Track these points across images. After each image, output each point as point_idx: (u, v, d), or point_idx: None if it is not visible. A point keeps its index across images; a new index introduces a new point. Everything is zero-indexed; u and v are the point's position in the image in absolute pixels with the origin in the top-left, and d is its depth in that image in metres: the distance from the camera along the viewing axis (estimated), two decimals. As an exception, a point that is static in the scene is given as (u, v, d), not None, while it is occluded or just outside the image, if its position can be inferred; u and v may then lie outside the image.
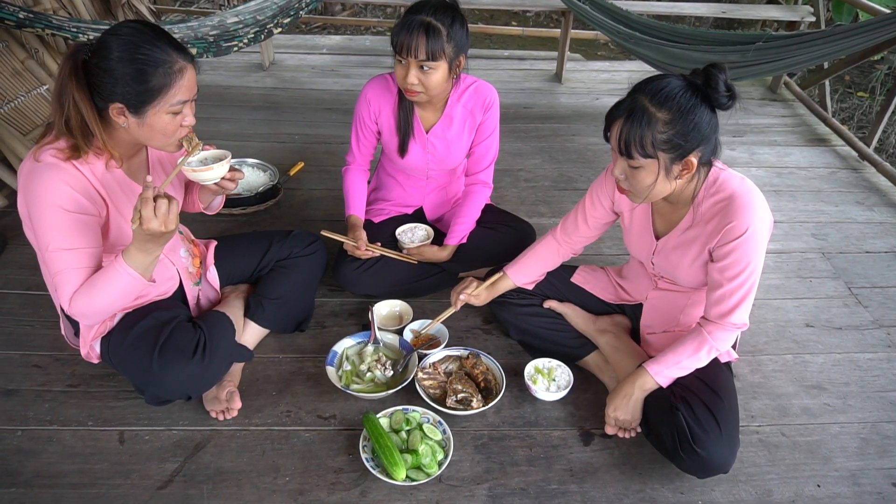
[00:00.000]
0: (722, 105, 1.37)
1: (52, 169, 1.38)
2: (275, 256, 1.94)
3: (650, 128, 1.33)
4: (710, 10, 4.02)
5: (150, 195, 1.29)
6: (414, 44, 1.72)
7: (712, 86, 1.35)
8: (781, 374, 1.95)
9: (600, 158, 3.20)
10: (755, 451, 1.70)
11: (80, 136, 1.39)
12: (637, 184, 1.42)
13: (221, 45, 2.94)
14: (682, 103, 1.33)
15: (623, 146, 1.37)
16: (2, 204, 2.54)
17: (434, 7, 1.75)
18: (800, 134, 3.50)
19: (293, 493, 1.54)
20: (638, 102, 1.35)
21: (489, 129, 2.05)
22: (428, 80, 1.80)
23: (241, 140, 3.22)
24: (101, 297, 1.42)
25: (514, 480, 1.60)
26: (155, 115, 1.37)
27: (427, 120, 2.02)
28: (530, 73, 4.22)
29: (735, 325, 1.51)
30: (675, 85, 1.35)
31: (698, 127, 1.35)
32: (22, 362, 1.86)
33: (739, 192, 1.44)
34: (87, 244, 1.44)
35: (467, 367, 1.85)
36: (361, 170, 2.16)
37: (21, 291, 2.13)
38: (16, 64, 2.76)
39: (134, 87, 1.33)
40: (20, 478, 1.54)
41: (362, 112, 2.04)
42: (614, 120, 1.39)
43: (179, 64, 1.36)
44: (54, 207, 1.38)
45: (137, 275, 1.40)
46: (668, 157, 1.37)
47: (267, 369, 1.88)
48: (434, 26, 1.72)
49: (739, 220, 1.42)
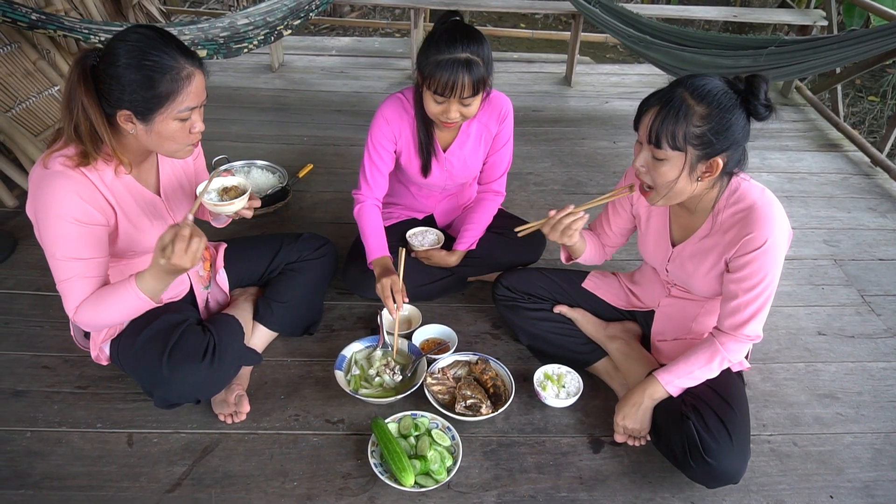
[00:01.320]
0: (759, 115, 1.35)
1: (62, 177, 1.37)
2: (284, 259, 1.94)
3: (686, 119, 1.32)
4: (721, 13, 4.00)
5: (188, 233, 1.31)
6: (459, 84, 1.66)
7: (754, 93, 1.33)
8: (793, 382, 1.93)
9: (610, 163, 3.19)
10: (766, 461, 1.68)
11: (89, 142, 1.38)
12: (659, 177, 1.40)
13: (232, 47, 2.95)
14: (722, 101, 1.32)
15: (654, 135, 1.35)
16: (12, 204, 2.55)
17: (464, 38, 1.66)
18: (811, 139, 3.48)
19: (301, 498, 1.53)
20: (677, 93, 1.34)
21: (504, 140, 2.02)
22: (467, 111, 1.75)
23: (250, 141, 3.23)
24: (107, 312, 1.45)
25: (524, 487, 1.59)
26: (163, 121, 1.36)
27: (443, 139, 1.98)
28: (539, 75, 4.21)
29: (749, 337, 1.50)
30: (716, 84, 1.34)
31: (732, 129, 1.34)
32: (31, 363, 1.87)
33: (760, 203, 1.43)
34: (94, 254, 1.44)
35: (476, 372, 1.84)
36: (376, 206, 2.00)
37: (31, 292, 2.13)
38: (27, 65, 2.77)
39: (141, 93, 1.32)
40: (29, 479, 1.54)
41: (381, 133, 1.92)
42: (649, 107, 1.37)
43: (187, 70, 1.35)
44: (62, 217, 1.38)
45: (147, 298, 1.43)
46: (695, 154, 1.35)
47: (275, 373, 1.88)
48: (474, 62, 1.66)
49: (759, 232, 1.40)
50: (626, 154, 3.28)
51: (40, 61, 2.80)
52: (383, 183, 2.00)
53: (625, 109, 3.79)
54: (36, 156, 2.53)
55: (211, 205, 1.48)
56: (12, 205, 2.55)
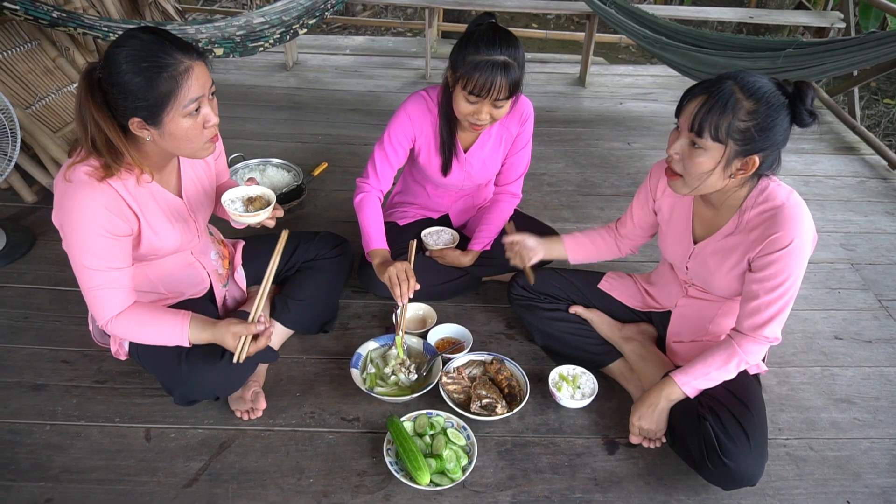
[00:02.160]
0: (803, 121, 1.35)
1: (86, 189, 1.36)
2: (301, 258, 1.95)
3: (732, 112, 1.32)
4: (737, 14, 3.98)
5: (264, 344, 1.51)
6: (496, 85, 1.66)
7: (801, 98, 1.33)
8: (809, 386, 1.92)
9: (624, 164, 3.18)
10: (783, 465, 1.68)
11: (108, 155, 1.37)
12: (693, 167, 1.39)
13: (248, 45, 2.96)
14: (771, 100, 1.32)
15: (697, 123, 1.34)
16: (31, 200, 2.58)
17: (503, 40, 1.67)
18: (828, 142, 3.45)
19: (317, 495, 1.54)
20: (726, 85, 1.33)
21: (523, 142, 2.03)
22: (498, 114, 1.76)
23: (265, 140, 3.24)
24: (144, 334, 1.52)
25: (538, 488, 1.59)
26: (172, 121, 1.34)
27: (465, 140, 1.98)
28: (553, 76, 4.20)
29: (767, 339, 1.49)
30: (766, 82, 1.34)
31: (775, 129, 1.33)
32: (51, 357, 1.89)
33: (787, 204, 1.42)
34: (122, 264, 1.46)
35: (491, 372, 1.84)
36: (377, 197, 1.99)
37: (50, 287, 2.15)
38: (47, 62, 2.80)
39: (144, 97, 1.30)
40: (49, 472, 1.56)
41: (402, 128, 1.92)
42: (694, 96, 1.37)
43: (184, 64, 1.31)
44: (90, 230, 1.38)
45: (190, 343, 1.52)
46: (735, 149, 1.35)
47: (291, 370, 1.89)
48: (511, 64, 1.66)
49: (784, 232, 1.40)
50: (640, 155, 3.27)
51: (59, 58, 2.82)
52: (390, 177, 2.00)
53: (639, 111, 3.78)
54: (55, 152, 2.56)
55: (236, 215, 1.51)
56: (31, 200, 2.57)
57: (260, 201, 1.56)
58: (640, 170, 3.12)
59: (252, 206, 1.55)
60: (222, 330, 1.48)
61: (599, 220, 2.71)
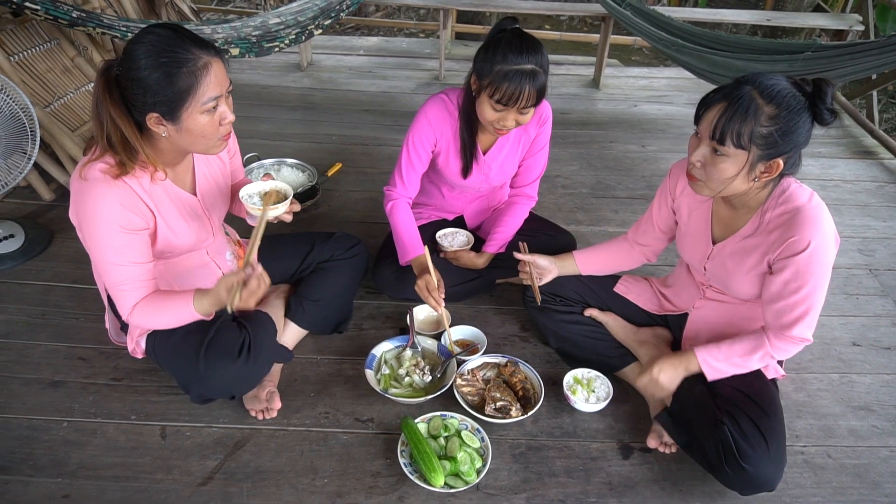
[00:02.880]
0: (824, 120, 1.33)
1: (102, 186, 1.38)
2: (316, 258, 1.95)
3: (754, 118, 1.30)
4: (754, 17, 3.95)
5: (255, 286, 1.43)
6: (525, 95, 1.66)
7: (821, 97, 1.32)
8: (827, 393, 1.90)
9: (638, 166, 3.17)
10: (800, 472, 1.66)
11: (123, 152, 1.38)
12: (716, 173, 1.38)
13: (263, 46, 2.97)
14: (791, 103, 1.31)
15: (718, 131, 1.33)
16: (49, 198, 2.60)
17: (530, 48, 1.66)
18: (845, 146, 3.42)
19: (331, 496, 1.54)
20: (745, 91, 1.32)
21: (541, 145, 2.02)
22: (523, 119, 1.76)
23: (279, 139, 3.25)
24: (161, 319, 1.54)
25: (553, 491, 1.58)
26: (189, 117, 1.35)
27: (484, 142, 1.97)
28: (567, 78, 4.19)
29: (796, 339, 1.49)
30: (785, 85, 1.33)
31: (798, 132, 1.32)
32: (68, 354, 1.90)
33: (807, 206, 1.41)
34: (141, 259, 1.47)
35: (505, 374, 1.83)
36: (408, 204, 2.01)
37: (68, 284, 2.17)
38: (66, 61, 2.82)
39: (163, 92, 1.31)
40: (66, 468, 1.57)
41: (423, 133, 1.92)
42: (714, 103, 1.35)
43: (203, 60, 1.32)
44: (107, 227, 1.40)
45: (201, 316, 1.53)
46: (758, 154, 1.34)
47: (305, 370, 1.89)
48: (538, 73, 1.66)
49: (802, 235, 1.39)
50: (654, 158, 3.26)
51: (78, 58, 2.85)
52: (416, 182, 2.00)
53: (653, 113, 3.76)
54: (73, 150, 2.58)
55: (254, 210, 1.50)
56: (49, 198, 2.60)
57: (277, 196, 1.55)
58: (655, 172, 3.10)
59: (269, 201, 1.54)
60: (217, 288, 1.46)
61: (613, 222, 2.70)
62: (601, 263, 1.89)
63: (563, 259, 1.88)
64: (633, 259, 1.88)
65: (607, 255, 1.89)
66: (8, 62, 2.44)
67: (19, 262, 2.25)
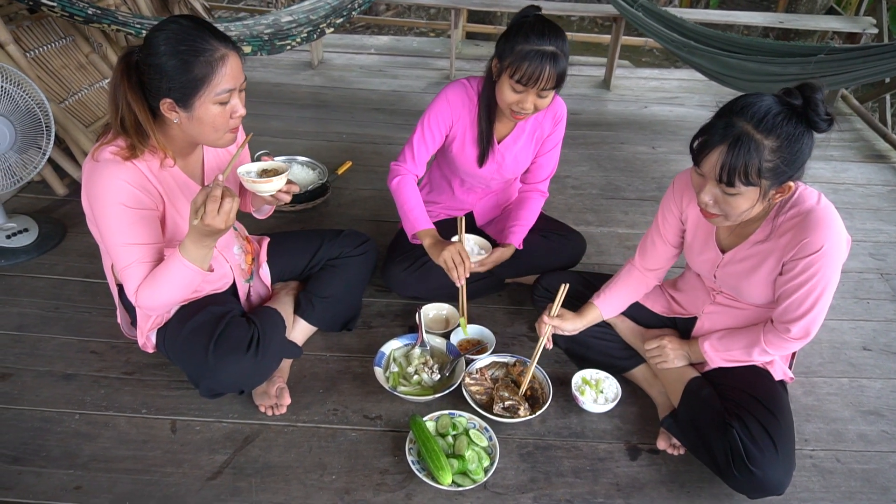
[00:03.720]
0: (821, 129, 1.31)
1: (111, 166, 1.41)
2: (326, 255, 1.96)
3: (757, 156, 1.28)
4: (767, 19, 3.93)
5: (219, 193, 1.32)
6: (545, 75, 1.67)
7: (813, 108, 1.29)
8: (836, 397, 1.89)
9: (648, 168, 3.16)
10: (808, 476, 1.65)
11: (134, 135, 1.42)
12: (731, 210, 1.38)
13: (275, 44, 2.99)
14: (790, 131, 1.29)
15: (725, 175, 1.31)
16: (63, 193, 2.62)
17: (551, 32, 1.68)
18: (857, 149, 3.40)
19: (339, 492, 1.55)
20: (740, 129, 1.29)
21: (554, 142, 2.03)
22: (542, 103, 1.77)
23: (290, 137, 3.27)
24: (163, 289, 1.47)
25: (560, 491, 1.58)
26: (202, 106, 1.38)
27: (499, 131, 1.98)
28: (578, 78, 4.19)
29: (791, 336, 1.50)
30: (777, 110, 1.30)
31: (802, 153, 1.31)
32: (80, 348, 1.92)
33: (817, 208, 1.41)
34: (149, 239, 1.48)
35: (514, 374, 1.84)
36: (414, 178, 2.00)
37: (80, 279, 2.19)
38: (80, 58, 2.85)
39: (179, 79, 1.35)
40: (77, 460, 1.59)
41: (440, 113, 1.93)
42: (711, 147, 1.33)
43: (220, 52, 1.36)
44: (115, 204, 1.42)
45: (196, 267, 1.44)
46: (769, 184, 1.33)
47: (314, 367, 1.90)
48: (559, 55, 1.67)
49: (815, 237, 1.38)
50: (665, 160, 3.25)
51: (92, 54, 2.88)
52: (425, 161, 2.00)
53: (664, 115, 3.75)
54: (87, 146, 2.60)
55: (249, 181, 1.47)
56: (62, 193, 2.62)
57: (275, 174, 1.53)
58: (666, 174, 3.10)
59: (267, 177, 1.52)
60: (190, 217, 1.36)
61: (623, 223, 2.70)
62: (623, 302, 1.84)
63: (588, 313, 1.82)
64: (647, 285, 1.85)
65: (628, 292, 1.83)
66: (24, 58, 2.47)
67: (33, 255, 2.27)
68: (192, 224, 1.35)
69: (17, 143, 2.11)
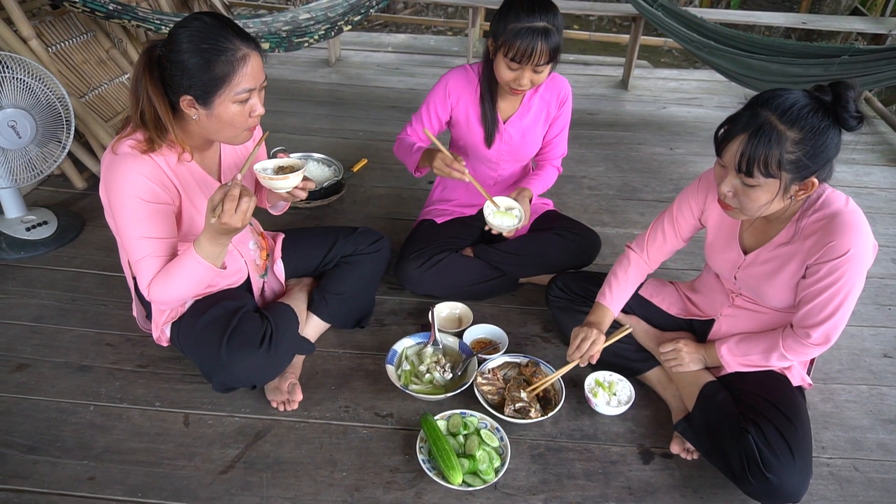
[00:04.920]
0: (850, 127, 1.29)
1: (129, 159, 1.42)
2: (340, 252, 1.96)
3: (779, 147, 1.27)
4: (789, 20, 3.87)
5: (237, 193, 1.32)
6: (537, 51, 1.71)
7: (843, 105, 1.27)
8: (855, 405, 1.86)
9: (666, 169, 3.13)
10: (825, 485, 1.62)
11: (153, 129, 1.43)
12: (749, 202, 1.36)
13: (293, 41, 3.00)
14: (815, 124, 1.27)
15: (745, 164, 1.30)
16: (81, 186, 2.65)
17: (542, 7, 1.72)
18: (881, 153, 3.34)
19: (349, 489, 1.55)
20: (764, 119, 1.28)
21: (562, 124, 2.06)
22: (538, 78, 1.81)
23: (306, 134, 3.28)
24: (176, 284, 1.48)
25: (571, 494, 1.57)
26: (222, 104, 1.39)
27: (504, 111, 2.01)
28: (595, 78, 4.16)
29: (811, 341, 1.47)
30: (804, 103, 1.28)
31: (826, 149, 1.29)
32: (96, 340, 1.94)
33: (844, 211, 1.38)
34: (164, 234, 1.49)
35: (526, 374, 1.83)
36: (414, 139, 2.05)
37: (97, 272, 2.22)
38: (101, 53, 2.88)
39: (200, 76, 1.35)
40: (91, 451, 1.60)
41: (438, 99, 2.00)
42: (734, 136, 1.32)
43: (242, 51, 1.37)
44: (132, 198, 1.43)
45: (209, 264, 1.45)
46: (790, 178, 1.31)
47: (326, 363, 1.91)
48: (549, 30, 1.71)
49: (840, 240, 1.36)
50: (682, 161, 3.21)
51: (113, 50, 2.90)
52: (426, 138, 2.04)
53: (683, 116, 3.71)
54: (106, 140, 2.63)
55: (266, 178, 1.48)
56: (81, 187, 2.65)
57: (291, 171, 1.54)
58: (683, 176, 3.06)
59: (283, 173, 1.52)
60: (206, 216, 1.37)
61: (639, 225, 2.67)
62: (628, 294, 1.82)
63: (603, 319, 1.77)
64: (645, 270, 1.82)
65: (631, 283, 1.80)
66: (46, 53, 2.50)
67: (51, 248, 2.30)
68: (209, 222, 1.36)
69: (37, 136, 2.14)
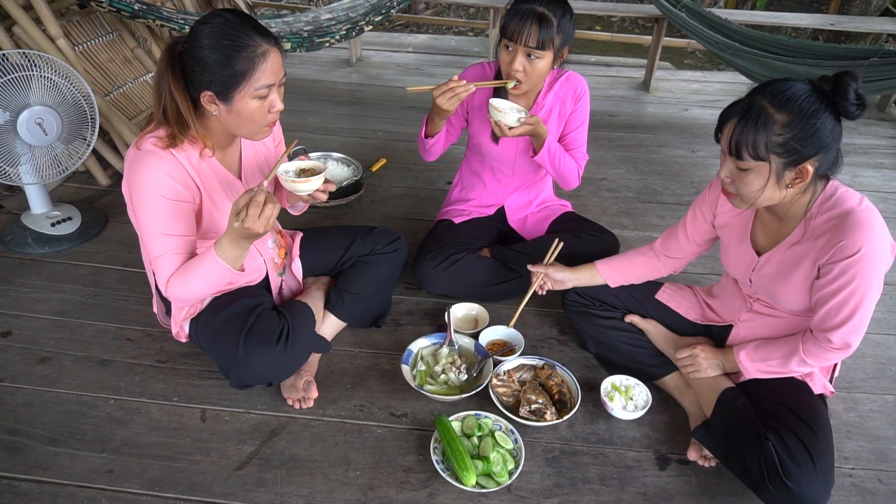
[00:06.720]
0: (849, 114, 1.28)
1: (152, 157, 1.44)
2: (357, 251, 1.97)
3: (766, 129, 1.28)
4: (817, 21, 3.80)
5: (262, 199, 1.34)
6: (526, 31, 1.74)
7: (840, 93, 1.26)
8: (880, 415, 1.82)
9: (687, 172, 3.09)
10: (847, 496, 1.59)
11: (175, 125, 1.45)
12: (744, 187, 1.36)
13: (314, 41, 3.02)
14: (804, 107, 1.27)
15: (734, 146, 1.31)
16: (105, 183, 2.70)
17: None
18: (910, 157, 3.27)
19: (363, 488, 1.55)
20: (755, 102, 1.30)
21: (579, 120, 2.05)
22: (532, 68, 1.82)
23: (326, 133, 3.30)
24: (194, 283, 1.50)
25: (585, 498, 1.56)
26: (241, 100, 1.40)
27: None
28: (617, 80, 4.12)
29: (832, 345, 1.44)
30: (798, 88, 1.29)
31: (818, 133, 1.27)
32: (116, 335, 1.97)
33: (857, 209, 1.36)
34: (184, 231, 1.51)
35: (542, 377, 1.81)
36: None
37: (119, 267, 2.25)
38: (126, 52, 2.93)
39: (220, 72, 1.37)
40: (110, 444, 1.63)
41: None
42: (728, 119, 1.34)
43: (262, 48, 1.38)
44: (153, 195, 1.45)
45: (228, 266, 1.46)
46: (780, 162, 1.30)
47: (342, 362, 1.91)
48: (547, 16, 1.75)
49: (851, 239, 1.33)
50: (704, 164, 3.17)
51: (137, 49, 2.95)
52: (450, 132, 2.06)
53: (705, 118, 3.66)
54: (130, 138, 2.67)
55: (288, 181, 1.49)
56: (105, 183, 2.69)
57: (312, 173, 1.56)
58: (704, 179, 3.03)
59: (304, 176, 1.54)
60: (229, 221, 1.39)
61: (659, 228, 2.64)
62: (625, 274, 1.85)
63: (584, 269, 1.86)
64: (656, 270, 1.84)
65: (631, 266, 1.84)
66: (73, 51, 2.54)
67: (75, 244, 2.34)
68: (233, 226, 1.37)
69: (63, 133, 2.18)
